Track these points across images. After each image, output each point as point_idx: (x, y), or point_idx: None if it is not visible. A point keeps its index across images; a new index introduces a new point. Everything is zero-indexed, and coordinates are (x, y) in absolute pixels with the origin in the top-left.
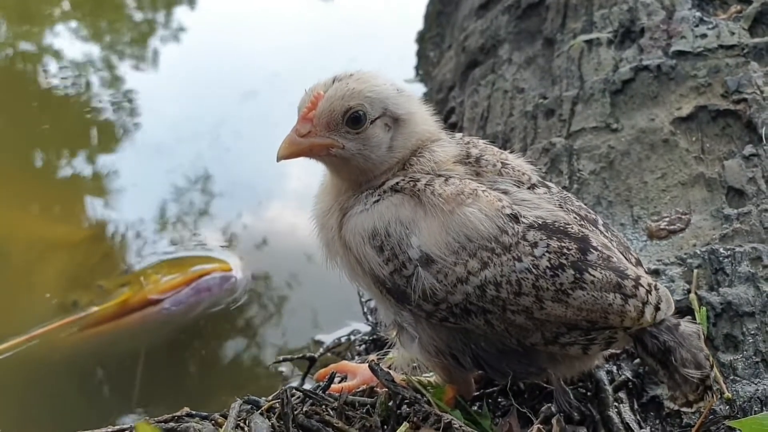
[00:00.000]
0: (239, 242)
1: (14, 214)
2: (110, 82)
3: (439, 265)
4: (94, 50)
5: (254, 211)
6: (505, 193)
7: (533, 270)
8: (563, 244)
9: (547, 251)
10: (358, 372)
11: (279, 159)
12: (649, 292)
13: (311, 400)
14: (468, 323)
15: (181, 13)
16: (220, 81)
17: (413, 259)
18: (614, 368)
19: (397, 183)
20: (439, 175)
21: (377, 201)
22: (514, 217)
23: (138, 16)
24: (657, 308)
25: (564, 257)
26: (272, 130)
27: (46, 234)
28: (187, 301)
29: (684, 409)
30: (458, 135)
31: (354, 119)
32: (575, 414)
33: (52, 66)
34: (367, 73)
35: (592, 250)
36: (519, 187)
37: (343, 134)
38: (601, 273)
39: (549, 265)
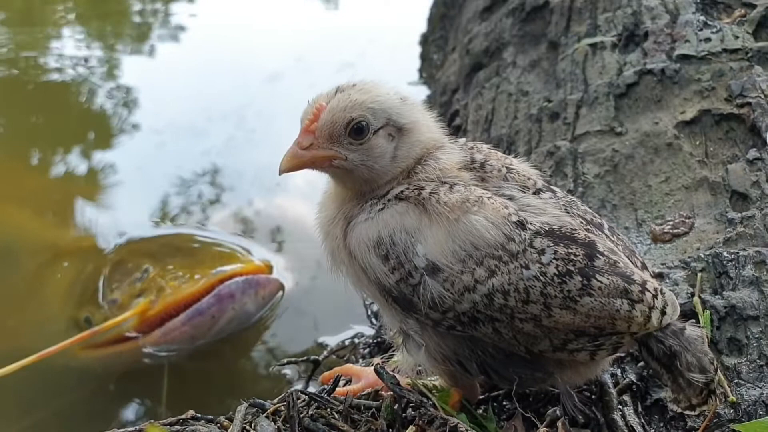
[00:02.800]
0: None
1: (25, 219)
2: (111, 72)
3: (446, 274)
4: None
5: (260, 209)
6: (511, 198)
7: (541, 277)
8: (570, 251)
9: (554, 258)
10: (363, 375)
11: (281, 172)
12: (655, 296)
13: (317, 403)
14: (476, 331)
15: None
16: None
17: (419, 268)
18: (618, 371)
19: (402, 191)
20: (444, 183)
21: (382, 209)
22: (521, 224)
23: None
24: (663, 313)
25: (571, 264)
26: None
27: (57, 240)
28: (209, 311)
29: (688, 413)
30: (461, 140)
31: (357, 130)
32: (580, 417)
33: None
34: (369, 83)
35: (598, 255)
36: (524, 192)
37: (345, 145)
38: (608, 279)
39: (557, 272)
